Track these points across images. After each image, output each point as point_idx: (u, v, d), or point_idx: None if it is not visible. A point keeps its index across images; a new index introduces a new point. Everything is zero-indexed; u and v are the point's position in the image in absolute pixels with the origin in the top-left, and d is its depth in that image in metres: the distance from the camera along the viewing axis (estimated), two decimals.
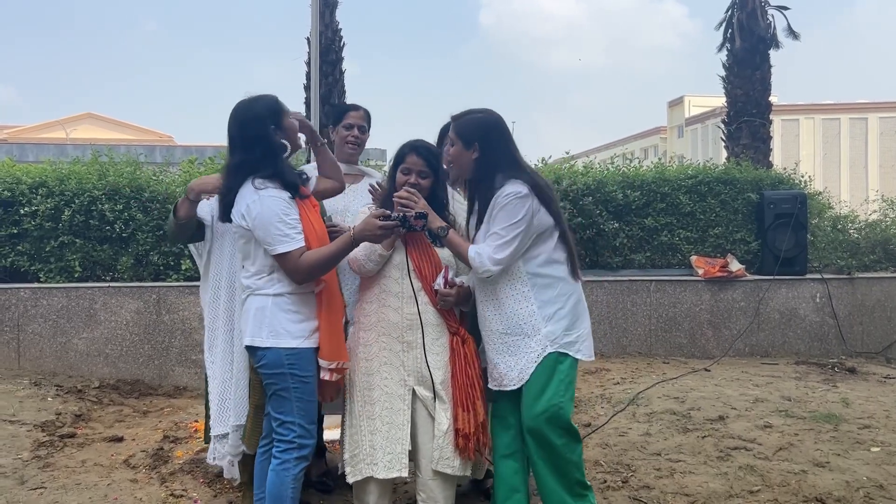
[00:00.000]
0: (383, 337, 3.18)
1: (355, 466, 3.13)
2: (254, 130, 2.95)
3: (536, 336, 3.06)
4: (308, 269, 2.88)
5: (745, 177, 7.68)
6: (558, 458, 3.05)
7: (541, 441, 3.05)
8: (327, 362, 2.96)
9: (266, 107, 2.99)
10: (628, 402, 5.22)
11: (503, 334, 3.10)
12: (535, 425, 3.04)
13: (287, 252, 2.85)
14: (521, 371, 3.07)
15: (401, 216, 2.88)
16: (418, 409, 3.19)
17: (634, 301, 7.08)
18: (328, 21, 10.65)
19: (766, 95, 11.25)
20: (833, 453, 4.23)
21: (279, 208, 2.87)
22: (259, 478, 3.15)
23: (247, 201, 2.90)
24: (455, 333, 3.23)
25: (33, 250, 6.44)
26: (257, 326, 2.93)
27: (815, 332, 7.29)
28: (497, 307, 3.11)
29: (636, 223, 7.37)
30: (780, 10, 11.52)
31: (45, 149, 21.04)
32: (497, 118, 3.16)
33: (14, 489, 3.83)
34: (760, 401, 5.22)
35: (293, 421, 2.94)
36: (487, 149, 3.08)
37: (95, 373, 6.23)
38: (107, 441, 4.69)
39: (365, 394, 3.16)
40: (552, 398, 3.03)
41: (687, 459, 4.21)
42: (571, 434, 3.08)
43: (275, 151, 2.96)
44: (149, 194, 6.50)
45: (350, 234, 2.90)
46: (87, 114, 45.65)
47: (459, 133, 3.11)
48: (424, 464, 3.18)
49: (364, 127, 3.93)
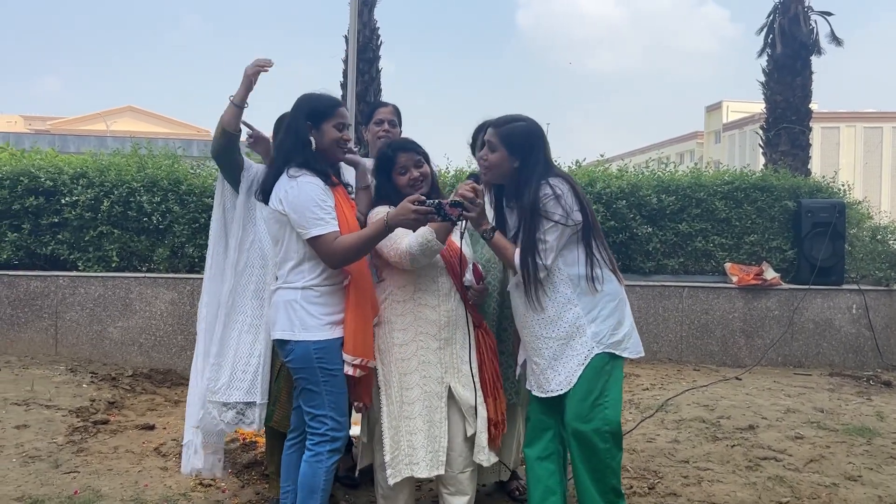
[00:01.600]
0: (420, 336, 3.17)
1: (395, 468, 3.11)
2: (292, 120, 3.06)
3: (582, 338, 3.03)
4: (343, 253, 2.90)
5: (783, 184, 7.57)
6: (599, 462, 3.02)
7: (584, 444, 3.02)
8: (352, 357, 2.96)
9: (308, 102, 3.07)
10: (657, 408, 5.18)
11: (548, 339, 3.07)
12: (582, 428, 3.01)
13: (321, 235, 2.88)
14: (568, 375, 3.03)
15: (436, 203, 2.85)
16: (449, 403, 3.20)
17: (666, 307, 7.02)
18: (366, 19, 10.70)
19: (807, 102, 11.08)
20: (866, 467, 4.16)
21: (315, 193, 2.92)
22: (286, 470, 3.18)
23: (284, 187, 2.95)
24: (479, 326, 3.30)
25: (73, 239, 6.57)
26: (287, 320, 2.97)
27: (851, 344, 7.16)
28: (540, 311, 3.07)
29: (670, 228, 7.30)
30: (824, 15, 11.34)
31: (86, 140, 21.43)
32: (540, 128, 3.17)
33: (48, 472, 3.91)
34: (792, 411, 5.15)
35: (325, 414, 2.97)
36: (530, 159, 3.08)
37: (129, 361, 6.34)
38: (139, 429, 4.77)
39: (403, 394, 3.15)
40: (599, 400, 3.01)
41: (715, 468, 4.17)
42: (616, 440, 3.05)
43: (303, 144, 3.01)
44: (186, 187, 6.60)
45: (384, 219, 2.91)
46: (127, 107, 46.44)
47: (505, 141, 3.09)
48: (454, 457, 3.18)
49: (394, 121, 4.02)
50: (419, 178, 3.23)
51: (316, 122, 3.03)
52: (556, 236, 3.00)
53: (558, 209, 2.99)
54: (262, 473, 3.97)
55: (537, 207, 3.00)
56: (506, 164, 3.10)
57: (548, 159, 3.15)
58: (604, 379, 3.03)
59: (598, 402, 3.01)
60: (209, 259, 3.58)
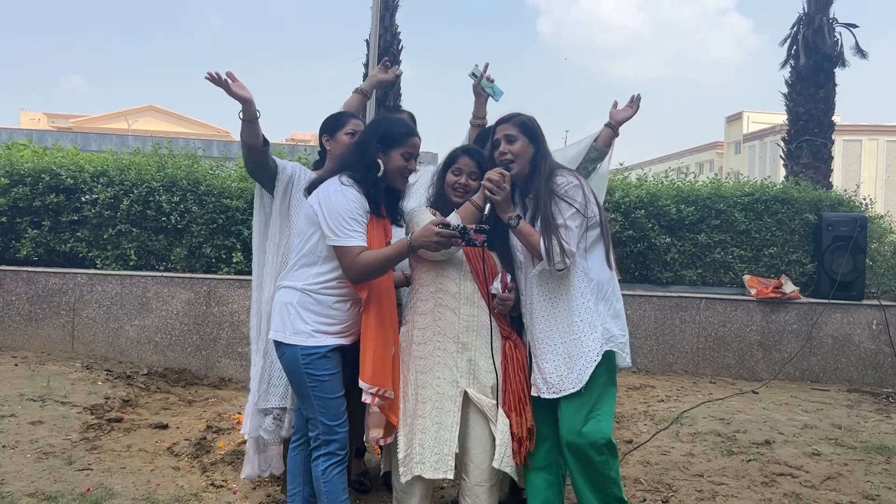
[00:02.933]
0: (438, 336, 3.16)
1: (407, 466, 3.09)
2: (364, 136, 3.13)
3: (594, 334, 3.03)
4: (363, 268, 2.91)
5: (804, 197, 7.50)
6: (597, 474, 3.01)
7: (580, 457, 3.01)
8: (368, 385, 2.93)
9: (383, 125, 3.13)
10: (672, 420, 5.14)
11: (561, 332, 3.06)
12: (576, 441, 3.00)
13: (348, 246, 2.90)
14: (579, 372, 3.01)
15: (461, 227, 2.85)
16: (470, 412, 3.16)
17: (683, 318, 6.96)
18: (387, 24, 10.71)
19: (830, 115, 10.96)
20: (884, 486, 4.10)
21: (355, 206, 2.95)
22: (292, 472, 3.20)
23: (328, 189, 2.98)
24: (507, 338, 3.23)
25: (92, 237, 6.61)
26: (280, 321, 3.02)
27: (870, 360, 7.07)
28: (552, 304, 3.08)
29: (689, 239, 7.25)
30: (849, 27, 11.21)
31: (107, 139, 21.64)
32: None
33: (62, 468, 3.93)
34: (809, 427, 5.08)
35: (315, 418, 3.00)
36: (542, 146, 3.19)
37: (144, 360, 6.37)
38: (152, 428, 4.79)
39: (418, 392, 3.15)
40: (592, 413, 3.01)
41: (730, 483, 4.12)
42: (611, 449, 3.05)
43: (368, 163, 3.04)
44: (205, 188, 6.63)
45: (407, 240, 2.94)
46: (148, 106, 46.91)
47: (522, 129, 3.17)
48: (472, 468, 3.15)
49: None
50: (465, 186, 3.21)
51: (386, 147, 3.06)
52: (579, 224, 3.02)
53: (579, 196, 3.04)
54: (273, 476, 3.97)
55: (560, 192, 3.04)
56: (529, 151, 3.16)
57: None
58: (598, 391, 3.03)
59: (591, 414, 3.01)
60: (254, 268, 3.59)
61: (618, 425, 5.12)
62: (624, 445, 4.70)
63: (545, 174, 3.10)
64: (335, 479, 3.00)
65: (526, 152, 3.15)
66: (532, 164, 3.16)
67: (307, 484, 3.16)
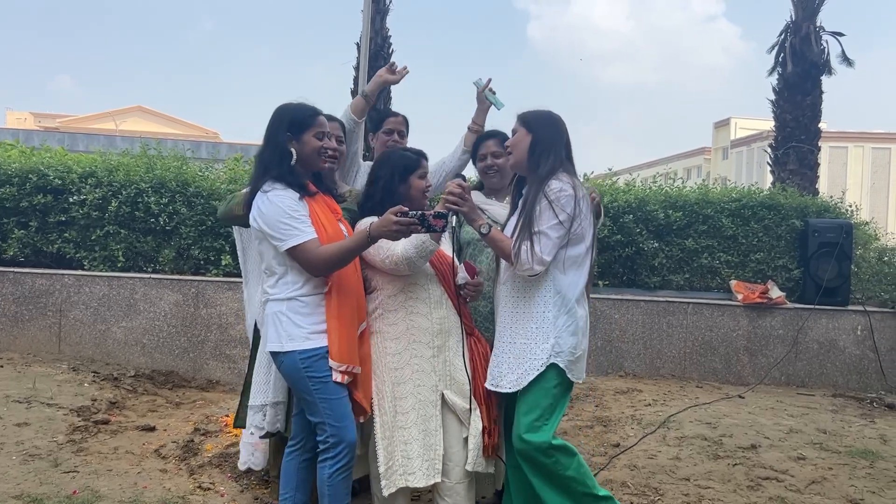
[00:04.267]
0: (414, 344, 3.18)
1: (390, 479, 3.10)
2: (271, 131, 3.06)
3: (545, 345, 3.02)
4: (325, 261, 2.90)
5: (791, 203, 7.55)
6: (551, 475, 2.99)
7: (529, 461, 3.00)
8: (337, 363, 2.95)
9: (288, 112, 3.06)
10: (659, 424, 5.16)
11: (515, 334, 3.08)
12: (520, 446, 3.00)
13: (299, 244, 2.89)
14: (520, 376, 3.03)
15: (419, 214, 2.84)
16: (446, 413, 3.20)
17: (670, 322, 7.00)
18: (378, 27, 10.71)
19: (816, 122, 11.06)
20: (868, 490, 4.13)
21: (285, 205, 2.93)
22: (285, 477, 3.19)
23: (257, 203, 2.98)
24: (471, 334, 3.31)
25: (79, 238, 6.58)
26: (275, 332, 3.00)
27: (855, 366, 7.13)
28: (514, 306, 3.09)
29: (676, 244, 7.29)
30: (835, 36, 11.32)
31: (95, 139, 21.55)
32: (558, 116, 3.21)
33: (48, 471, 3.91)
34: (795, 431, 5.12)
35: (322, 421, 2.98)
36: (541, 136, 3.10)
37: (132, 362, 6.34)
38: (139, 430, 4.77)
39: (397, 404, 3.15)
40: (539, 421, 2.98)
41: (716, 487, 4.15)
42: (559, 450, 2.99)
43: (281, 155, 3.01)
44: (194, 189, 6.61)
45: (367, 230, 2.92)
46: (136, 107, 46.66)
47: (523, 120, 3.17)
48: (451, 467, 3.18)
49: (403, 132, 4.13)
50: (429, 188, 3.32)
51: (296, 133, 3.03)
52: (560, 235, 2.98)
53: (569, 207, 2.97)
54: (261, 479, 3.96)
55: (551, 197, 2.97)
56: (524, 142, 3.12)
57: (564, 156, 3.13)
58: (550, 401, 3.01)
59: (537, 421, 2.98)
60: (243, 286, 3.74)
61: (605, 429, 5.14)
62: (611, 449, 4.72)
63: (543, 173, 3.05)
64: (339, 485, 3.00)
65: (521, 142, 3.13)
66: (530, 156, 3.10)
67: (299, 490, 3.15)
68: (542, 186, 3.02)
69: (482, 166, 3.76)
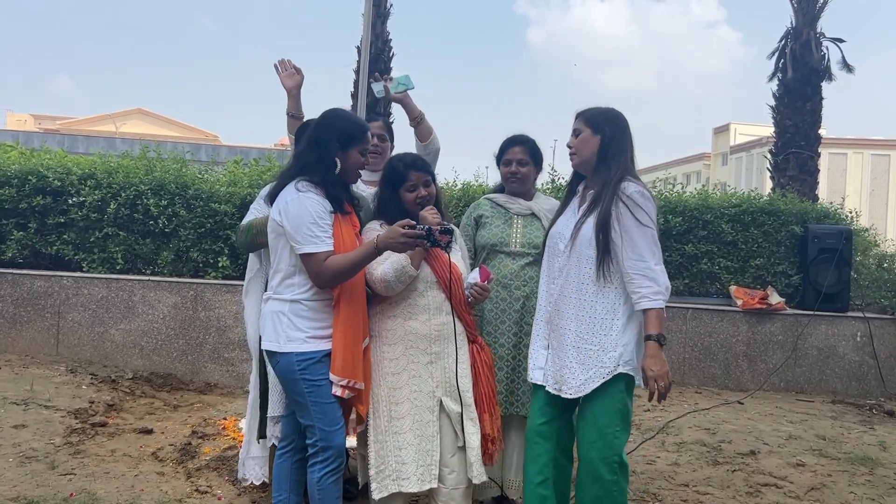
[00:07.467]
0: (411, 350, 3.17)
1: (381, 482, 3.09)
2: (319, 137, 3.02)
3: (612, 353, 2.93)
4: (332, 273, 2.90)
5: (790, 209, 7.55)
6: (605, 494, 2.90)
7: (592, 472, 2.92)
8: (339, 378, 2.92)
9: (340, 123, 3.05)
10: (658, 430, 5.15)
11: (579, 339, 2.97)
12: (588, 454, 2.93)
13: (313, 253, 2.89)
14: (584, 382, 2.93)
15: (426, 229, 2.87)
16: (443, 419, 3.19)
17: (669, 328, 6.99)
18: (379, 31, 10.75)
19: (816, 128, 11.09)
20: (867, 497, 4.13)
21: (315, 211, 2.91)
22: (277, 479, 3.19)
23: (286, 198, 2.96)
24: (473, 342, 3.30)
25: (78, 240, 6.57)
26: (273, 331, 2.99)
27: (854, 372, 7.12)
28: (580, 311, 2.99)
29: (676, 249, 7.29)
30: (836, 42, 11.36)
31: (95, 141, 21.55)
32: (622, 114, 3.13)
33: (45, 473, 3.90)
34: (794, 438, 5.12)
35: (312, 424, 2.97)
36: (611, 137, 3.03)
37: (130, 364, 6.33)
38: (137, 432, 4.75)
39: (392, 408, 3.14)
40: (609, 428, 2.92)
41: (715, 493, 4.14)
42: (623, 471, 2.94)
43: (327, 163, 3.00)
44: (193, 192, 6.60)
45: (374, 242, 2.91)
46: (136, 109, 46.69)
47: (587, 120, 3.08)
48: (447, 473, 3.17)
49: (384, 136, 4.05)
50: (426, 197, 3.26)
51: (344, 146, 3.02)
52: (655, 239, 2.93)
53: (653, 210, 2.93)
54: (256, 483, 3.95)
55: (633, 199, 2.91)
56: (592, 143, 3.05)
57: (631, 158, 3.07)
58: (618, 407, 2.94)
59: (607, 429, 2.92)
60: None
61: None
62: None
63: (614, 176, 2.97)
64: (329, 488, 2.99)
65: (588, 142, 3.04)
66: (600, 159, 3.03)
67: (293, 491, 3.15)
68: (616, 189, 2.95)
69: (506, 171, 3.73)
